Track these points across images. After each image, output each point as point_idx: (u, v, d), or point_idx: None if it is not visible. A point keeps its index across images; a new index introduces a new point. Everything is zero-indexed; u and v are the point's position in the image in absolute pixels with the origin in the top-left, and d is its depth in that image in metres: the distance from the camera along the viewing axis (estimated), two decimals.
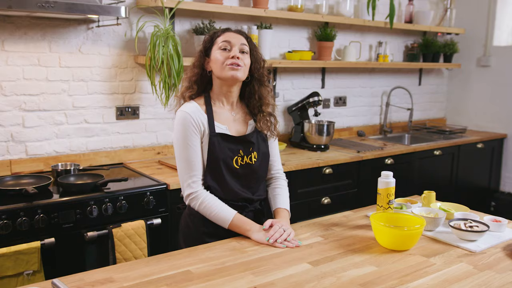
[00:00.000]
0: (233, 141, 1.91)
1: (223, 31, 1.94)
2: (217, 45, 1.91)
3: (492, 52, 4.67)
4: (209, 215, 1.86)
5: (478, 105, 4.82)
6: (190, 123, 1.85)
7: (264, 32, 3.33)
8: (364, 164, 3.45)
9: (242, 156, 1.92)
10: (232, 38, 1.90)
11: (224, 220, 1.85)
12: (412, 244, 1.73)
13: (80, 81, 2.82)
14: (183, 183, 1.89)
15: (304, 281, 1.46)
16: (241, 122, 1.98)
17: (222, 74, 1.88)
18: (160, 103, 3.05)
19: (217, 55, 1.89)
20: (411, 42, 4.59)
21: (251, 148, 1.94)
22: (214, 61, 1.90)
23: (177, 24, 3.11)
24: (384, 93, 4.49)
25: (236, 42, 1.90)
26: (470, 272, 1.56)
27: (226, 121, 1.94)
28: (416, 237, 1.72)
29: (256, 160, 1.96)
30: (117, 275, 1.48)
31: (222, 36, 1.92)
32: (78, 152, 2.87)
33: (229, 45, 1.89)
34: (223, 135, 1.89)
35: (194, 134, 1.86)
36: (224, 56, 1.88)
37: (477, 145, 4.37)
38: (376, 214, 1.81)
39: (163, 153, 3.18)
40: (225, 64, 1.86)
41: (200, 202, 1.86)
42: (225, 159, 1.88)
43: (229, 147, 1.90)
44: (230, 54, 1.87)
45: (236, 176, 1.92)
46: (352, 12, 3.82)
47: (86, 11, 2.42)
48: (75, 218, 2.29)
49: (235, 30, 1.96)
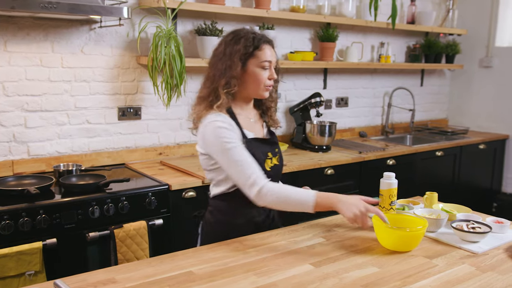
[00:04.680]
0: (263, 144, 1.93)
1: (263, 41, 1.87)
2: (258, 61, 1.85)
3: (494, 53, 4.67)
4: (290, 204, 1.74)
5: (480, 106, 4.81)
6: (228, 129, 1.79)
7: (266, 33, 3.31)
8: (366, 165, 3.44)
9: (271, 158, 1.94)
10: (272, 57, 1.88)
11: (307, 202, 1.72)
12: (415, 245, 1.73)
13: (82, 82, 2.83)
14: (245, 185, 1.76)
15: (306, 282, 1.46)
16: (259, 125, 2.01)
17: (256, 93, 1.90)
18: (162, 103, 3.05)
19: (258, 74, 1.85)
20: (413, 43, 4.59)
21: (276, 149, 1.98)
22: (253, 78, 1.86)
23: (179, 24, 3.11)
24: (386, 94, 4.49)
25: (273, 60, 1.90)
26: (473, 273, 1.56)
27: (249, 126, 1.93)
28: (419, 238, 1.72)
29: (279, 160, 1.99)
30: (119, 276, 1.48)
31: (262, 51, 1.85)
32: (80, 153, 2.87)
33: (269, 65, 1.88)
34: (255, 139, 1.90)
35: (235, 138, 1.79)
36: (264, 76, 1.87)
37: (479, 146, 4.36)
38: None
39: (165, 153, 3.18)
40: (264, 85, 1.88)
41: (277, 195, 1.74)
42: (260, 163, 1.85)
43: (262, 150, 1.90)
44: (269, 75, 1.88)
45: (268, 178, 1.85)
46: (354, 12, 3.81)
47: (89, 11, 2.42)
48: (77, 219, 2.29)
49: (270, 41, 1.91)
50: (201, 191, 2.68)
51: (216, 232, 1.93)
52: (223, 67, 1.83)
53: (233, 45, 1.84)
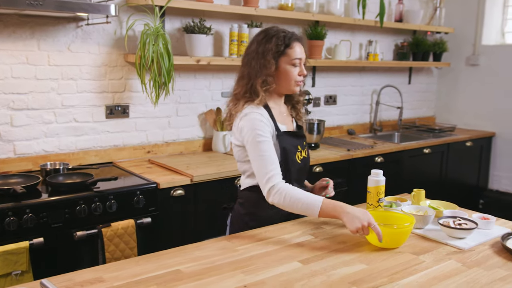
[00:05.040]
0: (294, 137, 2.01)
1: (293, 40, 1.94)
2: (289, 59, 1.93)
3: (481, 51, 4.71)
4: (296, 207, 1.78)
5: (467, 103, 4.86)
6: (264, 122, 1.88)
7: (255, 31, 3.33)
8: (354, 163, 3.46)
9: (300, 151, 2.02)
10: (302, 54, 1.96)
11: (313, 208, 1.76)
12: (402, 242, 1.74)
13: (70, 80, 2.80)
14: (262, 179, 1.82)
15: (294, 280, 1.47)
16: (289, 119, 2.09)
17: (288, 89, 1.98)
18: (150, 102, 3.03)
19: (289, 71, 1.94)
20: (401, 41, 4.61)
21: (304, 142, 2.07)
22: (285, 75, 1.94)
23: (167, 22, 3.10)
24: (374, 92, 4.51)
25: (303, 57, 1.97)
26: (459, 269, 1.57)
27: (282, 120, 2.02)
28: (406, 235, 1.73)
29: (307, 153, 2.08)
30: (107, 275, 1.47)
31: (293, 49, 1.93)
32: (67, 151, 2.85)
33: (300, 62, 1.96)
34: (287, 132, 1.99)
35: (268, 132, 1.88)
36: (295, 73, 1.95)
37: (466, 143, 4.40)
38: None
39: (153, 152, 3.17)
40: (295, 81, 1.96)
41: (285, 195, 1.78)
42: (292, 156, 1.96)
43: (293, 143, 1.99)
44: (300, 71, 1.95)
45: (299, 171, 2.01)
46: (342, 10, 3.83)
47: (76, 9, 2.40)
48: (64, 218, 2.27)
49: (300, 38, 1.98)
50: (190, 190, 2.68)
51: (246, 223, 1.98)
52: (258, 65, 1.92)
53: (265, 44, 1.92)
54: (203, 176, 2.71)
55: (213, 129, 3.37)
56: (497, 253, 1.71)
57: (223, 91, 3.45)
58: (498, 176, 4.70)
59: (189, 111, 3.32)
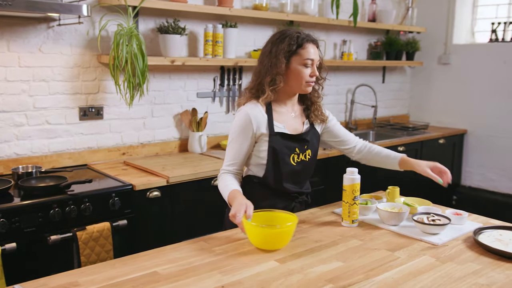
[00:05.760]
0: (291, 140, 2.02)
1: (306, 40, 1.97)
2: (301, 59, 1.96)
3: (452, 50, 4.80)
4: (220, 189, 1.98)
5: (440, 101, 4.95)
6: (247, 123, 1.96)
7: (230, 31, 3.33)
8: (330, 161, 3.48)
9: (298, 153, 2.04)
10: (314, 55, 1.98)
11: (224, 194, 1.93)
12: (284, 243, 1.70)
13: (41, 81, 2.75)
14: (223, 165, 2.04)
15: (271, 279, 1.47)
16: (299, 121, 2.10)
17: (299, 89, 2.01)
18: (124, 103, 3.00)
19: (300, 71, 1.96)
20: (374, 41, 4.67)
21: (305, 146, 2.06)
22: (295, 75, 1.97)
23: (141, 22, 3.07)
24: (349, 91, 4.56)
25: (316, 58, 1.99)
26: (433, 264, 1.60)
27: (285, 120, 2.04)
28: (288, 234, 1.69)
29: (309, 157, 2.08)
30: (82, 279, 1.45)
31: (305, 49, 1.96)
32: (40, 154, 2.79)
33: (311, 63, 1.98)
34: (282, 134, 2.00)
35: (245, 135, 1.97)
36: (306, 73, 1.97)
37: (439, 140, 4.48)
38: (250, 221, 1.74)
39: (128, 153, 3.13)
40: (306, 81, 1.98)
41: (219, 180, 2.00)
42: (283, 157, 1.99)
43: (287, 145, 2.01)
44: (311, 72, 1.98)
45: (293, 172, 2.04)
46: (316, 10, 3.85)
47: (46, 9, 2.36)
48: (38, 222, 2.23)
49: (314, 39, 2.01)
50: (166, 191, 2.66)
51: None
52: (269, 64, 1.97)
53: (278, 44, 1.97)
54: (179, 177, 2.69)
55: (189, 129, 3.35)
56: (470, 248, 1.74)
57: (198, 91, 3.44)
58: (470, 173, 4.80)
59: (164, 112, 3.29)
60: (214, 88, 3.52)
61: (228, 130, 3.61)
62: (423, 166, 2.13)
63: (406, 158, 2.18)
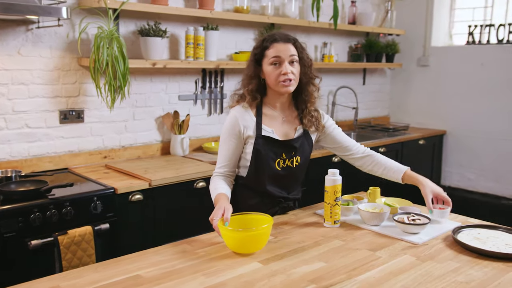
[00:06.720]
0: (277, 145, 2.02)
1: (271, 41, 1.97)
2: (268, 59, 1.97)
3: (430, 52, 4.88)
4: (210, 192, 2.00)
5: (419, 103, 5.02)
6: (234, 125, 1.99)
7: (211, 33, 3.33)
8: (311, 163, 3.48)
9: (284, 159, 2.04)
10: (281, 52, 1.95)
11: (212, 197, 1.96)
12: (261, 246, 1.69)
13: (20, 85, 2.72)
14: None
15: (254, 280, 1.48)
16: (290, 126, 2.09)
17: (275, 89, 1.99)
18: (105, 106, 2.98)
19: (269, 71, 1.97)
20: (354, 43, 4.72)
21: (293, 152, 2.06)
22: (267, 75, 1.98)
23: (121, 25, 3.05)
24: (330, 93, 4.59)
25: (285, 55, 1.95)
26: (413, 263, 1.63)
27: (274, 124, 2.05)
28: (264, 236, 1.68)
29: (297, 164, 2.08)
30: (64, 283, 1.44)
31: (271, 49, 1.96)
32: (19, 158, 2.76)
33: (279, 60, 1.95)
34: (268, 138, 2.01)
35: (233, 137, 2.00)
36: (276, 72, 1.95)
37: (419, 141, 4.55)
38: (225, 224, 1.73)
39: (110, 157, 3.11)
40: (278, 81, 1.96)
41: (210, 183, 2.03)
42: (267, 161, 2.00)
43: (273, 150, 2.01)
44: (281, 70, 1.94)
45: (277, 177, 2.04)
46: (297, 13, 3.88)
47: (25, 11, 2.34)
48: (18, 227, 2.20)
49: (283, 37, 1.99)
50: (148, 194, 2.65)
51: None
52: (246, 72, 2.05)
53: (253, 51, 2.04)
54: (161, 180, 2.68)
55: (171, 132, 3.34)
56: (449, 246, 1.78)
57: (180, 94, 3.43)
58: (449, 172, 4.88)
59: (146, 115, 3.28)
60: (196, 90, 3.52)
61: (210, 132, 3.64)
62: (427, 190, 2.08)
63: (410, 173, 2.16)
